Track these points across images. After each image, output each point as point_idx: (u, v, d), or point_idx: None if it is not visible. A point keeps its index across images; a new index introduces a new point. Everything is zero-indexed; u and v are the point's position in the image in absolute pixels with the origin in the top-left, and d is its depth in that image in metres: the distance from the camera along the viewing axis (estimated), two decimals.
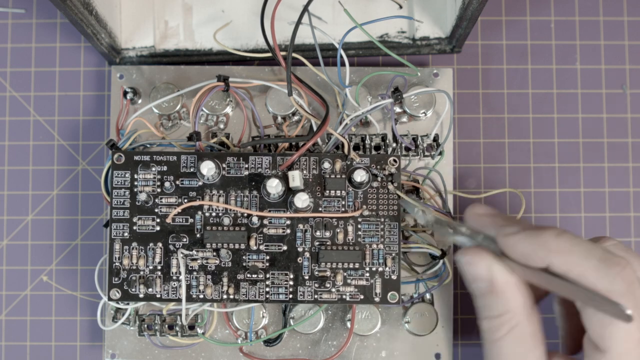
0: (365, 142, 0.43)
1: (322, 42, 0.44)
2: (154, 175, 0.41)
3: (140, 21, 0.46)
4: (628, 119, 0.47)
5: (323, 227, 0.40)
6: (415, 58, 0.46)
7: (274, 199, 0.40)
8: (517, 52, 0.47)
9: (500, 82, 0.47)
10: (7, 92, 0.46)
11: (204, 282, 0.40)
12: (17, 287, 0.45)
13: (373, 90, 0.44)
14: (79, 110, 0.46)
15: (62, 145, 0.46)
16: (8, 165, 0.46)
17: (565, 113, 0.46)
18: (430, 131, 0.44)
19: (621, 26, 0.47)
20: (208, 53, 0.46)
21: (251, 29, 0.46)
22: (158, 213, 0.40)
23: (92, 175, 0.46)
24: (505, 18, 0.47)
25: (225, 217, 0.40)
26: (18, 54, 0.47)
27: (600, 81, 0.47)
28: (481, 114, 0.46)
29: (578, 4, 0.47)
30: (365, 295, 0.40)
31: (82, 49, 0.47)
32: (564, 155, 0.46)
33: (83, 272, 0.45)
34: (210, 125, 0.44)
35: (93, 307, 0.45)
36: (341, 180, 0.40)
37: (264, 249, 0.40)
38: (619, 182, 0.46)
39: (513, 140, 0.46)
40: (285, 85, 0.42)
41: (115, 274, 0.40)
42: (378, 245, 0.40)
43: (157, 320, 0.42)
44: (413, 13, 0.45)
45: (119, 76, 0.45)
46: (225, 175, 0.41)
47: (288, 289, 0.40)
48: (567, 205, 0.46)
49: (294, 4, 0.43)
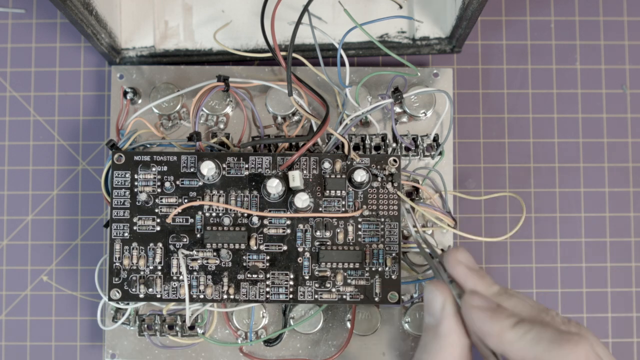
0: (365, 142, 0.43)
1: (322, 42, 0.44)
2: (154, 175, 0.41)
3: (140, 21, 0.46)
4: (628, 119, 0.47)
5: (323, 227, 0.40)
6: (415, 58, 0.46)
7: (274, 199, 0.40)
8: (517, 52, 0.47)
9: (500, 82, 0.47)
10: (7, 92, 0.46)
11: (204, 282, 0.40)
12: (17, 287, 0.45)
13: (373, 90, 0.44)
14: (79, 110, 0.46)
15: (62, 145, 0.46)
16: (8, 165, 0.46)
17: (565, 113, 0.46)
18: (430, 131, 0.44)
19: (621, 26, 0.47)
20: (208, 53, 0.46)
21: (251, 29, 0.46)
22: (158, 213, 0.40)
23: (92, 175, 0.46)
24: (505, 18, 0.47)
25: (225, 217, 0.40)
26: (18, 54, 0.47)
27: (600, 81, 0.47)
28: (481, 114, 0.46)
29: (578, 4, 0.47)
30: (365, 295, 0.40)
31: (82, 49, 0.47)
32: (564, 155, 0.46)
33: (83, 272, 0.45)
34: (210, 125, 0.44)
35: (93, 307, 0.45)
36: (341, 180, 0.40)
37: (264, 249, 0.40)
38: (618, 182, 0.46)
39: (513, 140, 0.46)
40: (285, 85, 0.42)
41: (116, 274, 0.40)
42: (378, 245, 0.40)
43: (157, 320, 0.42)
44: (413, 13, 0.45)
45: (119, 76, 0.45)
46: (226, 175, 0.41)
47: (288, 289, 0.40)
48: (567, 205, 0.46)
49: (294, 4, 0.43)
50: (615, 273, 0.46)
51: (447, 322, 0.33)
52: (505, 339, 0.31)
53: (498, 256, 0.46)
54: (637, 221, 0.46)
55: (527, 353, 0.31)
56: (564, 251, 0.46)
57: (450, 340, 0.33)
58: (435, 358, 0.33)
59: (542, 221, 0.46)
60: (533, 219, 0.46)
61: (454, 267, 0.35)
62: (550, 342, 0.30)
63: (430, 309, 0.34)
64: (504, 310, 0.32)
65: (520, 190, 0.46)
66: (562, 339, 0.30)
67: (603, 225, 0.46)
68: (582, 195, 0.46)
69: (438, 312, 0.34)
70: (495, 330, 0.31)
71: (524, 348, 0.31)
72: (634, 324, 0.45)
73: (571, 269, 0.46)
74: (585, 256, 0.46)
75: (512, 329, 0.31)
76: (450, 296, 0.34)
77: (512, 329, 0.31)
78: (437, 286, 0.34)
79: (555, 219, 0.46)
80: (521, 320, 0.32)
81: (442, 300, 0.34)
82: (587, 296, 0.45)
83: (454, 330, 0.33)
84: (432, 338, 0.34)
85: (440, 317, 0.34)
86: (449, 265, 0.35)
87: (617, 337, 0.45)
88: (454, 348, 0.33)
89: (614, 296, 0.46)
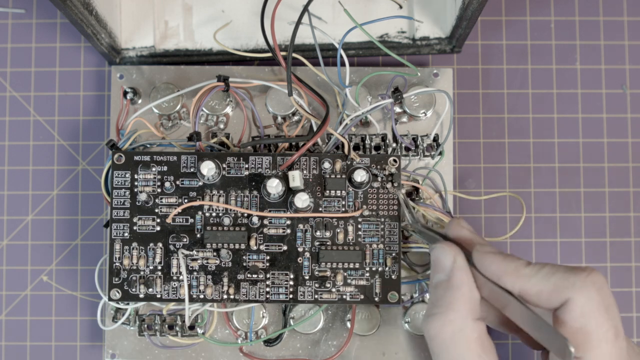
0: (365, 142, 0.43)
1: (322, 42, 0.44)
2: (154, 175, 0.41)
3: (140, 21, 0.46)
4: (628, 119, 0.47)
5: (323, 227, 0.40)
6: (415, 58, 0.46)
7: (274, 199, 0.40)
8: (517, 52, 0.47)
9: (500, 82, 0.47)
10: (7, 92, 0.46)
11: (204, 282, 0.40)
12: (17, 287, 0.45)
13: (373, 90, 0.44)
14: (79, 110, 0.46)
15: (62, 145, 0.46)
16: (8, 165, 0.46)
17: (565, 113, 0.46)
18: (430, 131, 0.44)
19: (621, 26, 0.47)
20: (208, 53, 0.46)
21: (251, 29, 0.46)
22: (158, 213, 0.40)
23: (92, 175, 0.46)
24: (505, 18, 0.47)
25: (225, 217, 0.40)
26: (18, 54, 0.47)
27: (600, 81, 0.47)
28: (481, 114, 0.46)
29: (578, 4, 0.47)
30: (365, 295, 0.40)
31: (82, 49, 0.47)
32: (564, 155, 0.46)
33: (83, 272, 0.45)
34: (210, 125, 0.44)
35: (93, 307, 0.45)
36: (341, 180, 0.40)
37: (264, 249, 0.40)
38: (618, 182, 0.46)
39: (513, 140, 0.46)
40: (285, 85, 0.42)
41: (116, 274, 0.40)
42: (378, 245, 0.40)
43: (157, 320, 0.42)
44: (413, 13, 0.45)
45: (119, 76, 0.45)
46: (226, 175, 0.41)
47: (288, 289, 0.40)
48: (567, 205, 0.46)
49: (294, 4, 0.43)
50: (615, 273, 0.46)
51: (459, 274, 0.34)
52: (522, 274, 0.32)
53: None
54: (637, 221, 0.46)
55: (545, 285, 0.32)
56: (564, 251, 0.46)
57: (463, 291, 0.34)
58: (448, 310, 0.34)
59: (542, 221, 0.46)
60: (533, 219, 0.46)
61: (459, 231, 0.36)
62: (565, 272, 0.32)
63: (440, 265, 0.35)
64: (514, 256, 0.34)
65: (520, 190, 0.46)
66: (576, 269, 0.32)
67: (603, 225, 0.46)
68: (582, 195, 0.46)
69: (449, 266, 0.34)
70: (512, 267, 0.33)
71: (541, 281, 0.32)
72: (634, 324, 0.45)
73: None
74: (585, 256, 0.46)
75: (527, 267, 0.33)
76: (461, 252, 0.35)
77: (526, 266, 0.33)
78: (447, 244, 0.35)
79: (555, 219, 0.46)
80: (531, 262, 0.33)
81: (453, 255, 0.34)
82: None
83: (466, 282, 0.34)
84: (444, 292, 0.34)
85: (451, 271, 0.34)
86: (453, 231, 0.36)
87: None
88: (467, 299, 0.34)
89: (614, 296, 0.45)
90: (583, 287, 0.31)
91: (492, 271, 0.33)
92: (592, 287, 0.31)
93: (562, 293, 0.31)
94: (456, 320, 0.33)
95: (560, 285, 0.31)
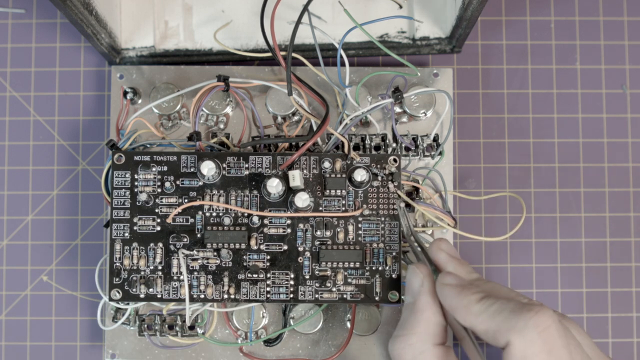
0: (365, 142, 0.43)
1: (322, 42, 0.44)
2: (154, 175, 0.41)
3: (140, 21, 0.46)
4: (628, 119, 0.47)
5: (323, 226, 0.40)
6: (415, 58, 0.46)
7: (275, 198, 0.40)
8: (517, 52, 0.47)
9: (500, 82, 0.47)
10: (7, 92, 0.46)
11: (204, 282, 0.40)
12: (17, 287, 0.45)
13: (373, 90, 0.44)
14: (79, 110, 0.46)
15: (62, 145, 0.46)
16: (8, 165, 0.46)
17: (565, 113, 0.46)
18: (430, 131, 0.44)
19: (621, 26, 0.47)
20: (208, 53, 0.46)
21: (251, 29, 0.46)
22: (158, 213, 0.40)
23: (92, 175, 0.46)
24: (505, 18, 0.47)
25: (225, 217, 0.40)
26: (18, 54, 0.47)
27: (600, 81, 0.47)
28: (481, 114, 0.46)
29: (578, 4, 0.47)
30: (365, 294, 0.40)
31: (82, 49, 0.47)
32: (564, 155, 0.46)
33: (83, 272, 0.45)
34: (210, 125, 0.44)
35: (93, 307, 0.45)
36: (341, 180, 0.40)
37: (264, 249, 0.40)
38: (618, 182, 0.46)
39: (513, 140, 0.46)
40: (285, 85, 0.42)
41: (116, 274, 0.40)
42: (378, 244, 0.40)
43: (157, 320, 0.42)
44: (413, 13, 0.45)
45: (119, 76, 0.45)
46: (226, 175, 0.41)
47: (289, 289, 0.40)
48: (567, 205, 0.46)
49: (294, 4, 0.43)
50: (615, 273, 0.46)
51: (423, 298, 0.35)
52: (471, 311, 0.32)
53: (498, 256, 0.46)
54: (637, 221, 0.46)
55: (490, 324, 0.31)
56: (564, 251, 0.46)
57: (425, 315, 0.34)
58: (410, 333, 0.34)
59: (542, 221, 0.46)
60: (533, 219, 0.46)
61: (436, 253, 0.36)
62: (511, 312, 0.31)
63: (409, 287, 0.36)
64: (473, 287, 0.33)
65: (520, 190, 0.46)
66: (524, 309, 0.31)
67: (603, 225, 0.46)
68: (582, 195, 0.46)
69: (416, 289, 0.35)
70: (463, 303, 0.33)
71: (487, 320, 0.32)
72: (634, 324, 0.45)
73: (571, 269, 0.46)
74: (585, 256, 0.46)
75: (478, 303, 0.32)
76: (429, 275, 0.35)
77: (477, 302, 0.32)
78: (418, 266, 0.36)
79: (555, 219, 0.46)
80: (487, 295, 0.33)
81: (421, 278, 0.35)
82: (587, 296, 0.45)
83: (429, 306, 0.34)
84: (409, 314, 0.35)
85: (417, 294, 0.35)
86: (431, 252, 0.36)
87: (617, 337, 0.45)
88: (428, 324, 0.34)
89: (614, 296, 0.46)
90: (524, 329, 0.30)
91: (448, 305, 0.34)
92: (534, 330, 0.30)
93: (504, 335, 0.31)
94: (416, 344, 0.34)
95: (502, 326, 0.31)
